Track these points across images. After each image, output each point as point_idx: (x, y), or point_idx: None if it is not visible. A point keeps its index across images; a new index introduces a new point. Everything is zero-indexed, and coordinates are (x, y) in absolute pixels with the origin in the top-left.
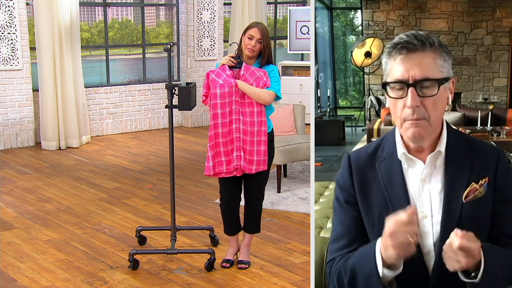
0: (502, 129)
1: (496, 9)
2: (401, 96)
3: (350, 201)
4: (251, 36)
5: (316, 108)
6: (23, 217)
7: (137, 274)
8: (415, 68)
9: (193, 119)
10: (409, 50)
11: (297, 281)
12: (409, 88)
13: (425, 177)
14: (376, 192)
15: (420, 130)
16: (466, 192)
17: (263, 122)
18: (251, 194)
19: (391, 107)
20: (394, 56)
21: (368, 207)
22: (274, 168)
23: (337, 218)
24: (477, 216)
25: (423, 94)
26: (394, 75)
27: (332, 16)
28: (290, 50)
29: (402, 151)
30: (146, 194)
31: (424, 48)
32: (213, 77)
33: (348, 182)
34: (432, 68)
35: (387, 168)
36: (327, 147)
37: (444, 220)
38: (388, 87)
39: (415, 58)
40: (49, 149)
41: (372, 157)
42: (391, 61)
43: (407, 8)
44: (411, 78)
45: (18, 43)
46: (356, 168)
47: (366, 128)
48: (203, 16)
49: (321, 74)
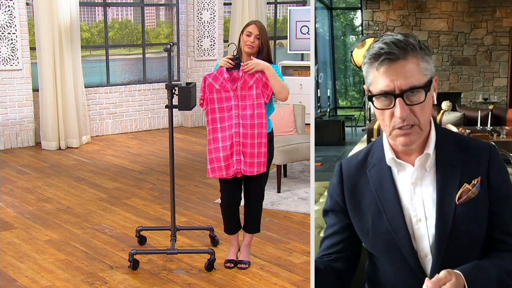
0: (502, 129)
1: (496, 9)
2: (387, 107)
3: (336, 209)
4: (250, 33)
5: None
6: (23, 217)
7: (137, 274)
8: (400, 77)
9: (193, 119)
10: (391, 60)
11: (297, 281)
12: (396, 99)
13: (415, 181)
14: (368, 199)
15: (412, 138)
16: (459, 194)
17: (264, 124)
18: (252, 194)
19: (378, 116)
20: (377, 67)
21: (361, 215)
22: (274, 168)
23: (328, 223)
24: (472, 217)
25: (411, 102)
26: (378, 87)
27: (332, 16)
28: (290, 50)
29: (390, 156)
30: (146, 194)
31: (406, 55)
32: (210, 81)
33: (337, 190)
34: (416, 74)
35: (377, 174)
36: (327, 147)
37: (439, 223)
38: (373, 98)
39: (398, 67)
40: (49, 149)
41: (362, 163)
42: (373, 71)
43: (407, 8)
44: (397, 89)
45: (18, 43)
46: (347, 176)
47: (366, 128)
48: (203, 16)
49: (321, 74)
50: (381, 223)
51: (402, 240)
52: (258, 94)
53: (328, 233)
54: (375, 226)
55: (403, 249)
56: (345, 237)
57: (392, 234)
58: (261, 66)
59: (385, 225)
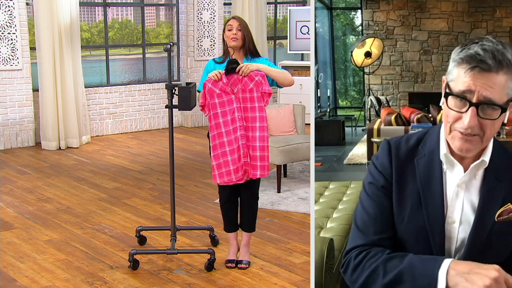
0: (502, 129)
1: (496, 9)
2: (460, 110)
3: (387, 187)
4: (230, 26)
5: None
6: (23, 217)
7: (137, 274)
8: (484, 89)
9: (193, 119)
10: (482, 69)
11: (297, 281)
12: (470, 107)
13: (461, 183)
14: (411, 188)
15: (469, 146)
16: (500, 211)
17: (265, 128)
18: (247, 194)
19: (444, 111)
20: (465, 70)
21: (402, 200)
22: (274, 168)
23: (367, 204)
24: (507, 236)
25: (484, 115)
26: (459, 87)
27: (332, 16)
28: (290, 50)
29: (445, 151)
30: (146, 194)
31: (499, 69)
32: (210, 86)
33: (388, 170)
34: (500, 91)
35: (426, 165)
36: (327, 147)
37: (473, 234)
38: (450, 96)
39: (486, 78)
40: (49, 149)
41: (412, 151)
42: (459, 70)
43: (407, 8)
44: (476, 98)
45: (18, 43)
46: (396, 158)
47: (366, 128)
48: (203, 16)
49: (321, 74)
50: (419, 215)
51: (437, 237)
52: (258, 97)
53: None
54: (412, 216)
55: (434, 246)
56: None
57: (427, 229)
58: (255, 66)
59: (423, 218)
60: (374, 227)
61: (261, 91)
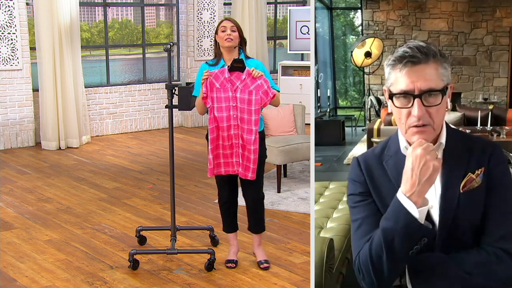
0: (502, 129)
1: (496, 9)
2: (406, 106)
3: (365, 192)
4: (224, 27)
5: (316, 108)
6: (23, 217)
7: (137, 274)
8: (420, 80)
9: (193, 119)
10: (413, 63)
11: (297, 281)
12: (415, 99)
13: None
14: (387, 187)
15: (425, 136)
16: (463, 182)
17: (256, 131)
18: (251, 195)
19: (395, 115)
20: (400, 68)
21: (383, 202)
22: (274, 168)
23: (356, 214)
24: (474, 206)
25: (428, 103)
26: (399, 87)
27: (332, 16)
28: (290, 50)
29: (404, 144)
30: (146, 194)
31: (427, 60)
32: (211, 79)
33: (361, 178)
34: (435, 78)
35: (394, 164)
36: (327, 147)
37: (442, 209)
38: (394, 97)
39: (419, 70)
40: (49, 149)
41: (379, 157)
42: (395, 72)
43: (407, 8)
44: (417, 90)
45: (18, 43)
46: (365, 166)
47: (366, 128)
48: (203, 16)
49: (321, 74)
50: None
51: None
52: (256, 100)
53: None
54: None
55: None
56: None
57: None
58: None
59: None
60: (364, 231)
61: (261, 94)
